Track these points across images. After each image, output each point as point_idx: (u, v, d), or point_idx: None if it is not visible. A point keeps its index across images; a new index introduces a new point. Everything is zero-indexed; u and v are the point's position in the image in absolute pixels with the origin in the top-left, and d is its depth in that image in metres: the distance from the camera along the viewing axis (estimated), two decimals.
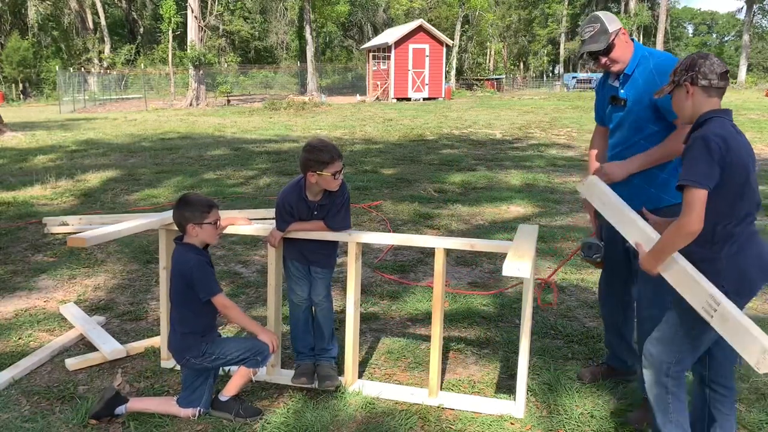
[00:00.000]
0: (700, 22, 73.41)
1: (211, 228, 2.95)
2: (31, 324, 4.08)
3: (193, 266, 2.85)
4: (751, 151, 2.30)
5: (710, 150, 2.16)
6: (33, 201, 7.91)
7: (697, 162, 2.18)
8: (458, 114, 21.54)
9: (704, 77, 2.27)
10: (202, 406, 2.93)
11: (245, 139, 14.79)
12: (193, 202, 2.94)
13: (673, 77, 2.37)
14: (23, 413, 3.00)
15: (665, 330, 2.42)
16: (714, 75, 2.27)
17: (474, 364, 3.53)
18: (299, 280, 3.25)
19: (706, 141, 2.18)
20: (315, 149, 2.99)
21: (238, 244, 5.82)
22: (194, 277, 2.84)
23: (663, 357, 2.40)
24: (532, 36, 54.42)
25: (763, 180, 8.97)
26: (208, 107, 27.83)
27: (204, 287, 2.85)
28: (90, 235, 2.95)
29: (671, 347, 2.39)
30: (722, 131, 2.21)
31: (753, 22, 49.50)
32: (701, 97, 2.29)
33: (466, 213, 7.12)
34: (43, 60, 42.81)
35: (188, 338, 2.92)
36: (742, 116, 18.67)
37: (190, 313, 2.91)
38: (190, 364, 2.92)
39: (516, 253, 2.66)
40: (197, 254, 2.91)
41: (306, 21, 34.94)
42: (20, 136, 15.39)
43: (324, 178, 2.99)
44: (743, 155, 2.23)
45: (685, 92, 2.32)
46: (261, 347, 2.92)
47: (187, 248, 2.92)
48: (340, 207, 3.12)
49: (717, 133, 2.19)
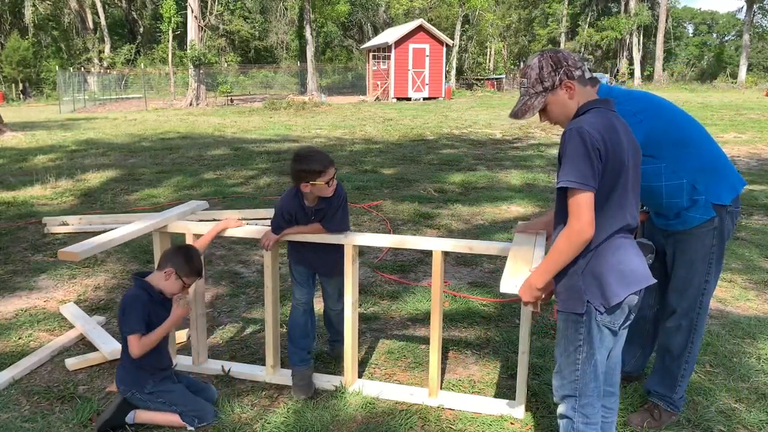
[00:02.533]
0: (700, 22, 73.37)
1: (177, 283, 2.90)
2: (31, 324, 4.08)
3: (126, 300, 2.83)
4: (634, 147, 2.14)
5: (586, 145, 1.98)
6: (33, 201, 7.91)
7: (576, 160, 1.98)
8: (458, 114, 21.54)
9: (575, 67, 2.13)
10: (207, 420, 2.87)
11: (245, 138, 14.78)
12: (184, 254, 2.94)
13: (542, 86, 2.15)
14: (23, 413, 3.00)
15: (557, 358, 2.25)
16: (580, 62, 2.15)
17: (474, 364, 3.53)
18: (301, 286, 3.24)
19: (581, 135, 1.99)
20: (306, 160, 2.94)
21: (238, 244, 5.82)
22: (125, 311, 2.80)
23: (564, 391, 2.24)
24: (532, 36, 54.38)
25: (764, 180, 8.98)
26: (208, 107, 27.82)
27: (126, 322, 2.79)
28: (81, 248, 2.88)
29: (565, 379, 2.22)
30: (599, 123, 2.03)
31: (753, 22, 49.48)
32: (580, 89, 2.14)
33: (466, 213, 7.12)
34: (43, 60, 42.79)
35: (135, 372, 2.86)
36: (743, 116, 18.67)
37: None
38: (134, 400, 2.86)
39: (514, 267, 2.46)
40: (138, 288, 2.86)
41: (306, 21, 34.93)
42: (20, 136, 15.39)
43: (318, 187, 2.96)
44: (620, 153, 2.03)
45: (565, 92, 2.14)
46: (205, 413, 2.86)
47: (137, 284, 2.89)
48: (337, 209, 3.09)
49: (594, 126, 2.01)
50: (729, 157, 3.18)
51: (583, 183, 1.98)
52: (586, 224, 2.00)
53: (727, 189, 2.69)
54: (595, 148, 1.98)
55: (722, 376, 3.33)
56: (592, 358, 2.15)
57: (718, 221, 2.68)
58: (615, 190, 2.05)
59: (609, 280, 2.07)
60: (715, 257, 2.73)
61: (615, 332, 2.17)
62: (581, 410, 2.23)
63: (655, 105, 2.71)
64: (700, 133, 2.75)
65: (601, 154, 1.99)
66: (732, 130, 14.93)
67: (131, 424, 2.85)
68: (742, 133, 14.24)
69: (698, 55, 61.61)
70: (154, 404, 2.87)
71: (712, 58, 56.83)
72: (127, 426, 2.85)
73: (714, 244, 2.72)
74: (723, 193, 2.67)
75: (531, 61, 2.20)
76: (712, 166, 2.69)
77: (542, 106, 2.18)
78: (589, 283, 2.09)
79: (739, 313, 4.22)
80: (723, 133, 14.28)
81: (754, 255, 5.47)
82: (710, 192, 2.65)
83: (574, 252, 2.06)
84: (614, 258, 2.08)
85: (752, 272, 5.02)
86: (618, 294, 2.07)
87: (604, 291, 2.08)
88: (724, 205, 2.67)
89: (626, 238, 2.12)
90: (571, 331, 2.16)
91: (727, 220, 2.70)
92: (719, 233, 2.70)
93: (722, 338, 3.78)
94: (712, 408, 3.02)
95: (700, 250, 2.72)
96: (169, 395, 2.88)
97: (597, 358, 2.16)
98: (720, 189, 2.67)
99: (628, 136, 2.12)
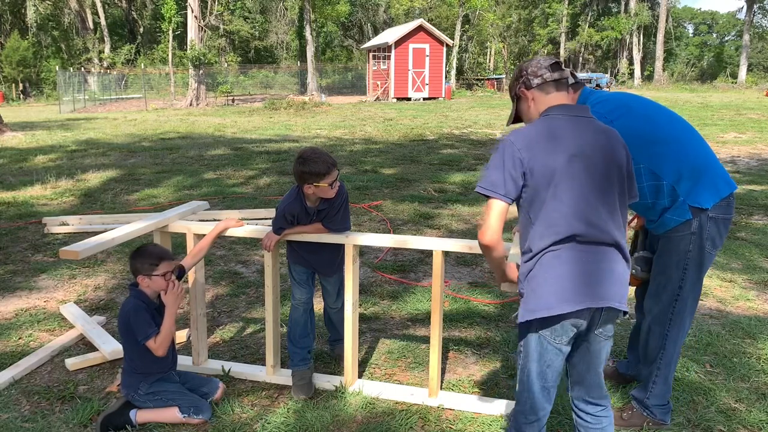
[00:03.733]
0: (700, 22, 73.34)
1: (160, 280, 2.92)
2: (32, 324, 4.08)
3: (129, 310, 2.89)
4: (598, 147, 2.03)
5: (503, 155, 2.01)
6: (33, 201, 7.90)
7: (491, 168, 2.04)
8: (458, 114, 21.54)
9: (534, 75, 2.14)
10: (203, 412, 2.91)
11: (245, 138, 14.79)
12: (143, 253, 2.94)
13: (510, 95, 2.22)
14: (23, 413, 3.00)
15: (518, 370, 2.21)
16: (543, 69, 2.13)
17: (474, 364, 3.53)
18: (300, 285, 3.24)
19: (503, 145, 2.03)
20: (309, 161, 2.95)
21: (238, 244, 5.82)
22: (130, 321, 2.87)
23: (517, 407, 2.22)
24: (532, 36, 54.34)
25: (764, 180, 8.97)
26: (208, 107, 27.82)
27: (137, 331, 2.87)
28: (83, 246, 2.89)
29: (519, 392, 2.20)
30: (533, 131, 2.04)
31: (753, 22, 49.48)
32: (541, 97, 2.15)
33: (466, 213, 7.12)
34: (43, 60, 42.77)
35: (132, 377, 2.95)
36: (743, 116, 18.67)
37: (134, 354, 2.93)
38: (135, 401, 2.94)
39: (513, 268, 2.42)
40: (135, 298, 2.93)
41: (306, 21, 34.95)
42: (20, 136, 15.39)
43: (321, 189, 2.97)
44: (550, 160, 1.97)
45: (526, 101, 2.18)
46: (201, 406, 2.93)
47: (133, 293, 2.96)
48: (338, 208, 3.10)
49: (524, 135, 2.03)
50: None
51: (490, 190, 2.02)
52: (487, 229, 2.03)
53: (708, 191, 2.55)
54: (515, 158, 1.99)
55: (722, 376, 3.33)
56: (527, 369, 2.13)
57: (697, 226, 2.55)
58: (548, 198, 1.99)
59: (543, 293, 2.01)
60: (691, 264, 2.60)
61: (558, 350, 2.08)
62: (515, 416, 2.23)
63: (624, 104, 2.64)
64: (684, 132, 2.65)
65: (524, 163, 1.99)
66: (732, 130, 14.93)
67: (133, 425, 2.87)
68: (742, 133, 14.23)
69: (698, 55, 61.61)
70: (154, 403, 2.94)
71: (712, 58, 56.83)
72: (128, 427, 2.86)
73: (690, 250, 2.58)
74: (703, 196, 2.54)
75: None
76: (695, 165, 2.57)
77: (515, 113, 2.26)
78: (528, 294, 2.06)
79: (739, 313, 4.22)
80: (723, 133, 14.28)
81: (754, 255, 5.47)
82: (690, 193, 2.54)
83: (489, 258, 2.13)
84: (555, 271, 2.00)
85: (752, 272, 5.02)
86: (550, 308, 1.99)
87: (535, 303, 2.02)
88: (704, 209, 2.54)
89: (581, 251, 1.99)
90: (519, 342, 2.16)
91: (709, 226, 2.56)
92: (698, 239, 2.56)
93: (722, 338, 3.78)
94: (712, 408, 3.01)
95: (674, 254, 2.62)
96: (165, 393, 2.96)
97: (533, 369, 2.11)
98: (700, 191, 2.54)
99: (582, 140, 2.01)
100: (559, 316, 2.00)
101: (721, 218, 2.58)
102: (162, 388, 2.97)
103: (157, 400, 2.94)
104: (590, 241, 2.00)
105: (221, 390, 3.10)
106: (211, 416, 2.94)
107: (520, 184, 2.01)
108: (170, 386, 3.00)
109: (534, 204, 2.02)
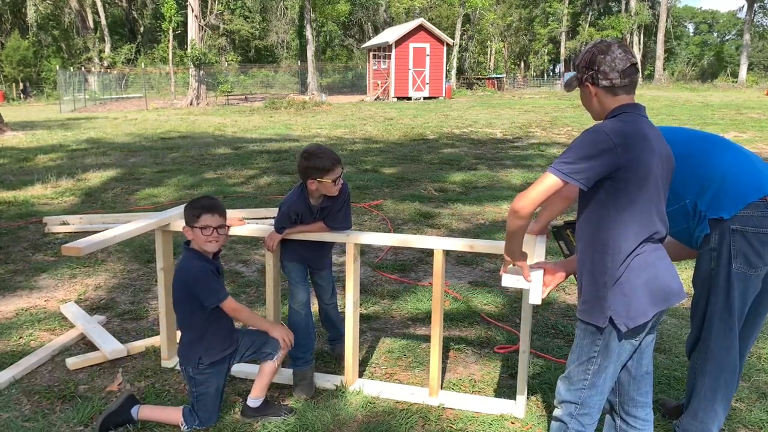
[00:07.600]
0: (700, 21, 73.30)
1: (199, 233, 2.75)
2: (32, 323, 4.09)
3: (195, 273, 2.74)
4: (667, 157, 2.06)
5: (593, 142, 1.92)
6: (34, 200, 7.91)
7: (570, 150, 1.94)
8: (459, 113, 21.53)
9: (605, 77, 2.01)
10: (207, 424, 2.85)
11: (246, 138, 14.79)
12: (192, 203, 2.82)
13: (577, 74, 2.09)
14: (24, 412, 3.00)
15: (569, 364, 2.19)
16: (615, 74, 2.00)
17: (474, 363, 3.53)
18: (299, 284, 3.24)
19: (596, 132, 1.94)
20: (314, 156, 2.97)
21: (238, 243, 5.82)
22: (197, 285, 2.73)
23: (567, 396, 2.18)
24: (532, 35, 54.37)
25: None
26: (208, 106, 27.83)
27: (209, 295, 2.73)
28: (85, 243, 2.87)
29: (572, 385, 2.16)
30: (626, 128, 1.96)
31: (754, 21, 49.47)
32: (607, 97, 2.05)
33: (467, 212, 7.12)
34: (43, 59, 42.81)
35: (191, 346, 2.81)
36: (743, 115, 18.67)
37: (197, 320, 2.79)
38: (194, 376, 2.80)
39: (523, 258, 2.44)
40: (200, 261, 2.78)
41: (306, 20, 34.95)
42: (21, 136, 15.40)
43: (324, 185, 2.98)
44: (646, 159, 1.94)
45: (589, 93, 2.08)
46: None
47: (192, 255, 2.79)
48: (341, 206, 3.12)
49: (614, 128, 1.94)
50: None
51: (555, 168, 1.92)
52: (527, 197, 1.95)
53: (730, 200, 2.29)
54: (606, 150, 1.91)
55: None
56: (604, 371, 2.10)
57: (716, 241, 2.30)
58: (641, 196, 1.96)
59: (638, 299, 1.99)
60: (716, 286, 2.33)
61: (634, 346, 2.11)
62: (579, 418, 2.19)
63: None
64: (705, 144, 2.47)
65: (619, 157, 1.91)
66: (733, 129, 14.92)
67: (134, 422, 2.86)
68: (743, 133, 14.22)
69: (699, 54, 61.60)
70: (190, 388, 2.84)
71: (712, 58, 56.81)
72: (129, 425, 2.85)
73: (713, 268, 2.33)
74: (723, 206, 2.29)
75: (589, 44, 2.13)
76: (713, 174, 2.35)
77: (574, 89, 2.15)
78: (617, 299, 2.00)
79: None
80: (724, 132, 14.25)
81: None
82: (710, 205, 2.33)
83: (509, 223, 2.03)
84: (646, 274, 2.00)
85: None
86: (646, 313, 2.00)
87: (629, 310, 1.99)
88: (722, 220, 2.28)
89: (657, 250, 2.04)
90: (588, 342, 2.11)
91: (734, 240, 2.27)
92: (718, 256, 2.30)
93: None
94: None
95: (699, 273, 2.41)
96: (204, 388, 2.81)
97: (609, 371, 2.10)
98: (721, 201, 2.31)
99: (661, 144, 2.03)
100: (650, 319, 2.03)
101: (751, 231, 2.26)
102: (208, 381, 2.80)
103: (193, 390, 2.80)
104: (662, 239, 2.07)
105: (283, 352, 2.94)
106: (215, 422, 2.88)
107: (602, 177, 1.93)
108: (211, 390, 2.82)
109: (619, 199, 1.95)
